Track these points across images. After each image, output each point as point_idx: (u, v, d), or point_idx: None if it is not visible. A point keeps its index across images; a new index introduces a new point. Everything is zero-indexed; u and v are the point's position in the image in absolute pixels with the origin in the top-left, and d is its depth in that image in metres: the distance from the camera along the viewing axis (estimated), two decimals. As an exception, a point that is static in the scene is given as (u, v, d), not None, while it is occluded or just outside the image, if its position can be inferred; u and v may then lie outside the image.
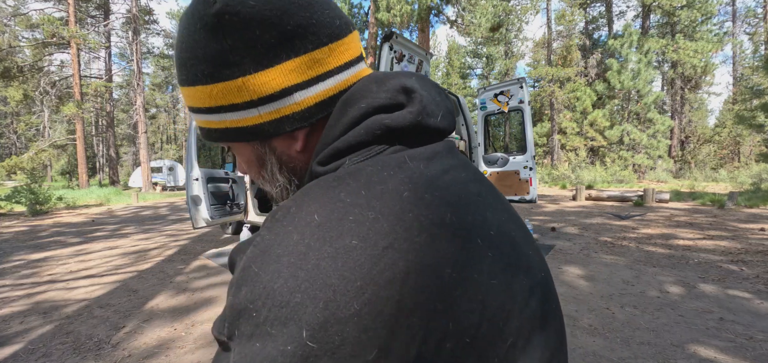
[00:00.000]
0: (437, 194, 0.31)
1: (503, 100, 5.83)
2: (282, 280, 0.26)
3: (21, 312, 2.73)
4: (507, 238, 0.34)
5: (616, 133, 18.54)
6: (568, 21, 25.65)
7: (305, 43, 0.35)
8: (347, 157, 0.34)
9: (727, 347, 2.03)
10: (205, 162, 5.03)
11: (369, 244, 0.26)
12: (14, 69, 16.58)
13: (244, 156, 0.43)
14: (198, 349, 2.13)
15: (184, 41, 0.37)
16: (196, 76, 0.36)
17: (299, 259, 0.26)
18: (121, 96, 33.59)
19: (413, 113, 0.35)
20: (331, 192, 0.30)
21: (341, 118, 0.35)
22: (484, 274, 0.29)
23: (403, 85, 0.36)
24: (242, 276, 0.28)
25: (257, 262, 0.27)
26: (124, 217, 8.85)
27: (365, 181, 0.30)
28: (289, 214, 0.30)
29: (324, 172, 0.35)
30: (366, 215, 0.28)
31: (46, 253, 4.74)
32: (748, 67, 21.43)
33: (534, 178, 5.57)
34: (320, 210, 0.29)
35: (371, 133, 0.34)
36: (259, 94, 0.35)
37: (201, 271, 3.77)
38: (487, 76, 28.52)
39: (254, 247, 0.29)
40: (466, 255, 0.29)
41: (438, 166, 0.34)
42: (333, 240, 0.27)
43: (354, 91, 0.36)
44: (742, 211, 7.67)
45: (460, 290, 0.28)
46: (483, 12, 12.75)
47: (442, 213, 0.30)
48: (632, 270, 3.53)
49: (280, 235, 0.28)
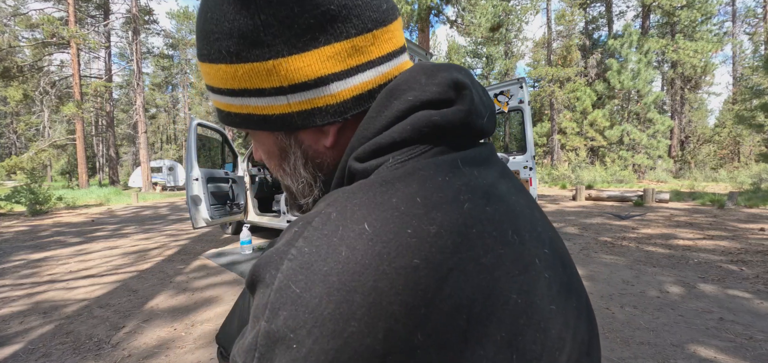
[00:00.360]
0: (497, 207, 0.28)
1: (503, 100, 5.82)
2: (333, 305, 0.21)
3: (21, 312, 2.73)
4: (558, 255, 0.31)
5: (616, 133, 18.54)
6: (568, 21, 25.66)
7: (348, 27, 0.31)
8: (390, 154, 0.30)
9: (726, 347, 2.03)
10: (205, 162, 5.03)
11: (433, 264, 0.23)
12: (14, 69, 16.59)
13: (265, 146, 0.39)
14: (198, 349, 2.13)
15: (209, 10, 0.32)
16: (219, 53, 0.32)
17: (352, 279, 0.22)
18: (121, 96, 33.60)
19: (463, 112, 0.31)
20: (381, 197, 0.26)
21: (384, 111, 0.31)
22: (545, 299, 0.27)
23: (454, 79, 0.32)
24: (279, 298, 0.23)
25: (298, 281, 0.23)
26: (124, 217, 8.85)
27: (419, 187, 0.26)
28: (331, 221, 0.25)
29: (363, 170, 0.31)
30: (427, 229, 0.24)
31: (46, 253, 4.74)
32: (748, 67, 21.42)
33: (534, 178, 5.57)
34: (370, 219, 0.24)
35: (418, 130, 0.30)
36: (291, 80, 0.31)
37: (201, 271, 3.77)
38: (487, 77, 28.51)
39: (291, 262, 0.24)
40: (529, 279, 0.26)
41: (490, 173, 0.31)
42: (391, 257, 0.22)
43: (400, 81, 0.32)
44: (742, 211, 7.67)
45: (524, 319, 0.25)
46: (483, 12, 12.75)
47: (505, 230, 0.27)
48: (632, 270, 3.53)
49: (322, 248, 0.23)
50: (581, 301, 0.32)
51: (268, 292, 0.24)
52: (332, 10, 0.30)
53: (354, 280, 0.22)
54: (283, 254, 0.25)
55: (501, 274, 0.25)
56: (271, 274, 0.24)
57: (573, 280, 0.32)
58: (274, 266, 0.25)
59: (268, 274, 0.25)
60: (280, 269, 0.24)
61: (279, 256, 0.25)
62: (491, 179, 0.31)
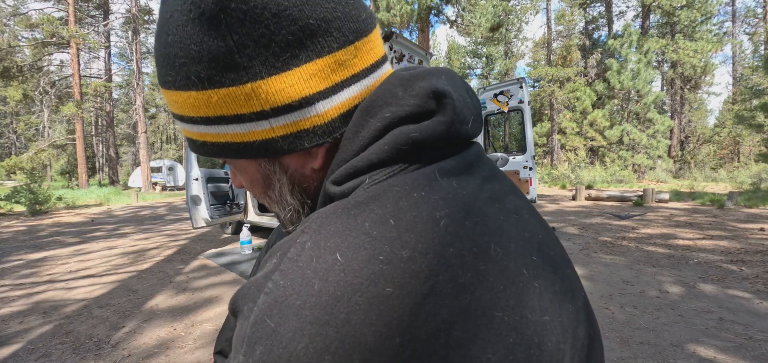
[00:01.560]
0: (477, 220, 0.26)
1: (503, 100, 5.83)
2: (307, 339, 0.21)
3: (21, 312, 2.73)
4: (548, 259, 0.30)
5: (615, 133, 18.55)
6: (568, 21, 25.67)
7: (329, 42, 0.29)
8: (367, 174, 0.28)
9: (726, 347, 2.03)
10: (205, 162, 5.03)
11: (406, 291, 0.22)
12: (14, 69, 16.58)
13: (247, 174, 0.36)
14: (198, 349, 2.13)
15: (170, 33, 0.29)
16: (188, 79, 0.29)
17: (325, 313, 0.21)
18: (121, 96, 33.60)
19: (445, 123, 0.29)
20: (352, 222, 0.25)
21: (361, 131, 0.30)
22: (536, 311, 0.25)
23: (433, 88, 0.30)
24: (255, 332, 0.23)
25: (273, 316, 0.22)
26: (124, 217, 8.85)
27: (393, 208, 0.25)
28: (304, 252, 0.24)
29: (340, 194, 0.29)
30: (399, 254, 0.23)
31: (46, 253, 4.74)
32: (748, 67, 21.44)
33: (534, 178, 5.58)
34: (342, 247, 0.23)
35: (396, 149, 0.28)
36: (273, 103, 0.29)
37: (201, 271, 3.77)
38: (487, 76, 28.51)
39: (267, 296, 0.23)
40: (516, 293, 0.25)
41: (473, 182, 0.30)
42: (363, 288, 0.22)
43: (376, 96, 0.30)
44: (742, 211, 7.67)
45: (514, 336, 0.24)
46: (483, 12, 12.75)
47: (486, 244, 0.25)
48: (632, 270, 3.53)
49: (297, 281, 0.23)
50: (577, 303, 0.30)
51: (246, 325, 0.24)
52: (311, 24, 0.28)
53: (326, 313, 0.21)
54: (260, 287, 0.24)
55: (482, 293, 0.23)
56: (249, 307, 0.24)
57: (567, 283, 0.30)
58: (251, 299, 0.24)
59: (245, 306, 0.24)
60: (257, 303, 0.23)
61: (257, 289, 0.24)
62: (472, 189, 0.29)
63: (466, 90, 0.34)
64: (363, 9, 0.32)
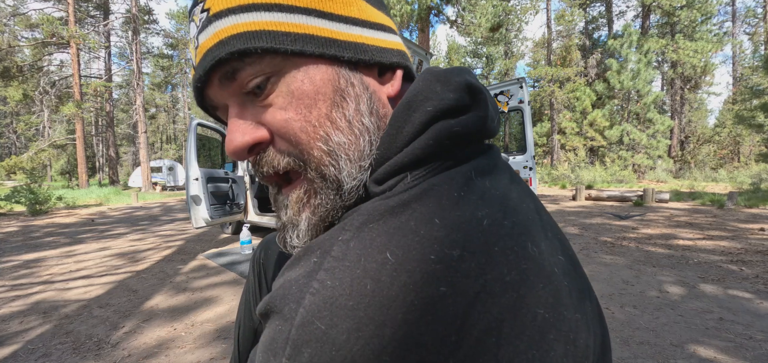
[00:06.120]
0: (514, 220, 0.27)
1: (503, 100, 5.82)
2: (363, 341, 0.20)
3: (20, 311, 2.73)
4: (570, 259, 0.30)
5: (615, 133, 18.54)
6: (568, 21, 25.65)
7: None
8: (408, 173, 0.28)
9: (726, 347, 2.03)
10: (205, 162, 5.03)
11: (459, 290, 0.22)
12: (14, 69, 16.58)
13: (311, 83, 0.30)
14: (198, 348, 2.13)
15: None
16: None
17: (381, 313, 0.21)
18: (121, 96, 33.60)
19: (481, 118, 0.29)
20: (397, 221, 0.24)
21: (405, 126, 0.29)
22: (570, 309, 0.26)
23: (468, 83, 0.30)
24: (302, 334, 0.22)
25: (323, 317, 0.21)
26: (124, 216, 8.85)
27: (436, 207, 0.25)
28: (350, 251, 0.24)
29: (381, 192, 0.29)
30: (450, 253, 0.23)
31: (45, 253, 4.74)
32: (748, 67, 21.44)
33: (534, 178, 5.58)
34: (392, 247, 0.23)
35: (439, 143, 0.28)
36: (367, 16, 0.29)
37: (200, 271, 3.77)
38: (487, 76, 28.51)
39: (314, 296, 0.22)
40: (553, 291, 0.25)
41: (501, 181, 0.30)
42: (418, 287, 0.21)
43: (416, 91, 0.30)
44: (742, 211, 7.67)
45: (553, 333, 0.24)
46: (483, 12, 12.74)
47: (524, 243, 0.25)
48: (632, 270, 3.53)
49: (346, 281, 0.22)
50: (594, 302, 0.31)
51: (288, 326, 0.23)
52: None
53: (382, 314, 0.21)
54: (304, 287, 0.23)
55: (526, 291, 0.24)
56: (291, 308, 0.23)
57: (585, 283, 0.31)
58: (294, 300, 0.23)
59: (286, 307, 0.23)
60: (302, 304, 0.22)
61: (299, 289, 0.23)
62: (503, 188, 0.29)
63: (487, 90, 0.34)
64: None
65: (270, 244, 0.69)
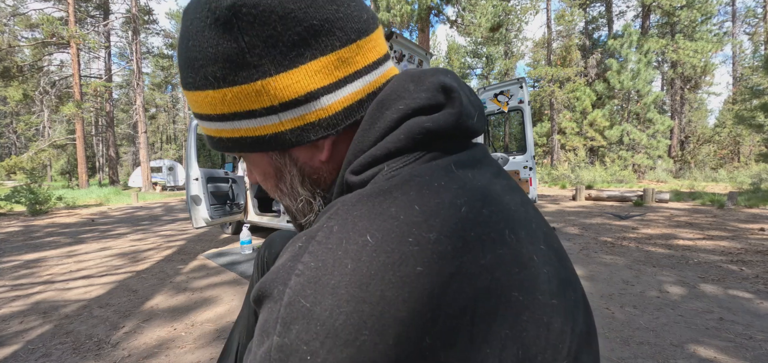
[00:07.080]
0: (494, 208, 0.29)
1: (503, 100, 5.83)
2: (344, 315, 0.22)
3: (20, 312, 2.73)
4: (553, 250, 0.32)
5: (615, 133, 18.54)
6: (568, 21, 25.65)
7: (332, 40, 0.31)
8: (385, 163, 0.30)
9: (726, 347, 2.03)
10: (205, 162, 5.03)
11: (435, 270, 0.23)
12: (14, 69, 16.58)
13: (260, 167, 0.38)
14: (198, 348, 2.13)
15: (190, 38, 0.32)
16: (205, 80, 0.32)
17: (360, 290, 0.22)
18: (121, 96, 33.60)
19: (454, 115, 0.31)
20: (380, 207, 0.26)
21: (377, 122, 0.32)
22: (546, 294, 0.28)
23: (442, 83, 0.32)
24: (290, 312, 0.23)
25: (308, 296, 0.23)
26: (124, 216, 8.85)
27: (416, 195, 0.27)
28: (333, 234, 0.25)
29: (359, 182, 0.31)
30: (427, 237, 0.24)
31: (45, 253, 4.74)
32: (748, 67, 21.44)
33: (534, 178, 5.58)
34: (372, 230, 0.25)
35: (411, 138, 0.30)
36: (281, 98, 0.31)
37: (200, 270, 3.77)
38: (487, 76, 28.51)
39: (299, 277, 0.24)
40: (530, 275, 0.27)
41: (484, 174, 0.32)
42: (395, 267, 0.23)
43: (390, 91, 0.33)
44: (742, 211, 7.67)
45: (527, 314, 0.26)
46: (483, 12, 12.74)
47: (502, 230, 0.27)
48: (632, 270, 3.53)
49: (328, 262, 0.24)
50: (578, 293, 0.33)
51: (278, 307, 0.24)
52: (315, 25, 0.30)
53: (362, 291, 0.22)
54: (290, 270, 0.25)
55: (501, 274, 0.25)
56: (279, 290, 0.25)
57: (569, 274, 0.33)
58: (281, 282, 0.25)
59: (275, 289, 0.25)
60: (288, 285, 0.24)
61: (286, 272, 0.25)
62: (485, 181, 0.31)
63: (469, 89, 0.36)
64: (364, 10, 0.35)
65: (274, 242, 0.70)
